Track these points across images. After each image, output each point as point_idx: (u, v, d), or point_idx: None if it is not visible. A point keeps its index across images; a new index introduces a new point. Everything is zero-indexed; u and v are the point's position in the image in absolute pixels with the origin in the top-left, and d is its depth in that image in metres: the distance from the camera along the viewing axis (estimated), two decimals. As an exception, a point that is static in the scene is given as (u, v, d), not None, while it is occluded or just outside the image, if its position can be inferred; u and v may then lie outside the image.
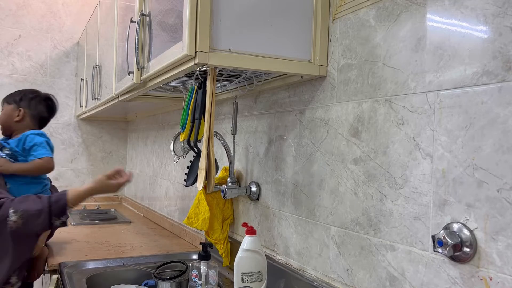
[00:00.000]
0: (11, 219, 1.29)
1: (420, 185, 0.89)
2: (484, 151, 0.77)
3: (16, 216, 1.30)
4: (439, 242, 0.80)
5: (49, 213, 1.33)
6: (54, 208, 1.34)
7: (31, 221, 1.32)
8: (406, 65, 0.94)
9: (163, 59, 1.23)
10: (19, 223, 1.30)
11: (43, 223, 1.33)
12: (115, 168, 1.47)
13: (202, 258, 1.31)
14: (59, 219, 1.35)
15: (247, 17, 1.10)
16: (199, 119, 1.26)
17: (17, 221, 1.29)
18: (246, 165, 1.58)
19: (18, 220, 1.29)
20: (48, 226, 1.36)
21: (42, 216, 1.33)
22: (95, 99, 2.46)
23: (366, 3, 1.06)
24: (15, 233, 1.31)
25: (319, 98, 1.21)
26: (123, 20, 1.88)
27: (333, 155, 1.15)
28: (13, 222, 1.29)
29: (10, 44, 3.08)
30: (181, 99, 1.99)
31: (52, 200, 1.36)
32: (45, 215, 1.33)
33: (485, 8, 0.78)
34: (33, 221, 1.32)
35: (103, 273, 1.58)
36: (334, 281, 1.13)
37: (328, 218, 1.16)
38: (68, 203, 1.37)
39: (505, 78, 0.74)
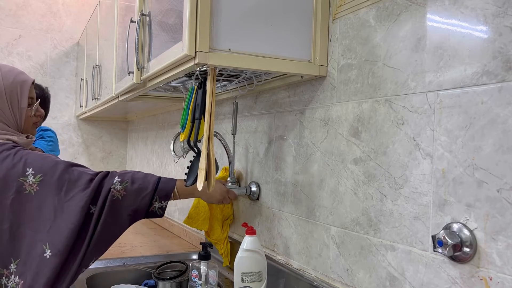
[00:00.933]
0: (115, 188, 1.17)
1: (420, 185, 0.89)
2: (484, 151, 0.77)
3: (121, 185, 1.18)
4: (439, 242, 0.80)
5: (153, 190, 1.22)
6: (161, 188, 1.23)
7: (132, 194, 1.19)
8: (406, 65, 0.94)
9: (163, 59, 1.23)
10: (121, 194, 1.18)
11: (143, 201, 1.20)
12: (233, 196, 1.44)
13: (202, 258, 1.31)
14: (160, 202, 1.22)
15: (247, 17, 1.10)
16: (199, 119, 1.26)
17: (120, 191, 1.18)
18: (246, 165, 1.58)
19: (121, 190, 1.18)
20: (146, 207, 1.21)
21: (146, 192, 1.21)
22: (95, 99, 2.46)
23: (366, 3, 1.06)
24: (112, 207, 1.16)
25: (319, 98, 1.21)
26: (123, 20, 1.88)
27: (333, 155, 1.15)
28: (116, 191, 1.17)
29: (10, 44, 3.08)
30: (181, 99, 1.99)
31: (161, 179, 1.25)
32: (149, 192, 1.21)
33: (485, 8, 0.78)
34: (135, 195, 1.20)
35: (103, 273, 1.58)
36: (334, 281, 1.13)
37: (328, 218, 1.16)
38: (176, 188, 1.27)
39: (505, 78, 0.74)
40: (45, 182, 1.12)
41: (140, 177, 1.22)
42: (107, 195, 1.16)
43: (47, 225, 1.10)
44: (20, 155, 1.14)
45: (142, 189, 1.21)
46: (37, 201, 1.11)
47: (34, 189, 1.12)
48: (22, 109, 1.25)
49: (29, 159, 1.14)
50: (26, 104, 1.26)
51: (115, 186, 1.17)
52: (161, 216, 1.25)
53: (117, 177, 1.19)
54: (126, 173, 1.21)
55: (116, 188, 1.17)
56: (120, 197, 1.17)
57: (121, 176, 1.20)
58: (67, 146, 3.29)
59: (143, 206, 1.21)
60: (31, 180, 1.12)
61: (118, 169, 3.44)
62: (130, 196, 1.19)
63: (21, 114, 1.25)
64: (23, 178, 1.12)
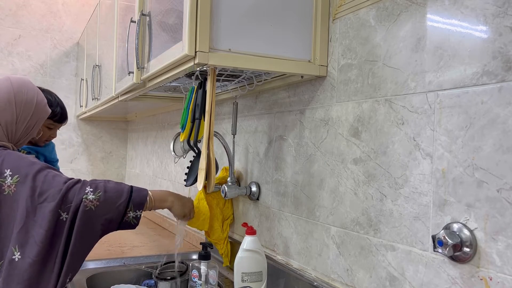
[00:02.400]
0: (88, 198, 1.11)
1: (420, 185, 0.89)
2: (484, 151, 0.77)
3: (94, 195, 1.12)
4: (439, 242, 0.80)
5: (128, 199, 1.17)
6: (135, 196, 1.18)
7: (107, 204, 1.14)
8: (406, 65, 0.94)
9: (163, 59, 1.23)
10: (94, 204, 1.12)
11: (117, 210, 1.15)
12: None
13: (202, 258, 1.31)
14: (134, 212, 1.17)
15: (247, 17, 1.10)
16: (199, 119, 1.26)
17: (93, 202, 1.12)
18: (246, 165, 1.58)
19: (94, 200, 1.12)
20: (120, 217, 1.16)
21: (120, 201, 1.16)
22: (95, 99, 2.46)
23: (366, 3, 1.06)
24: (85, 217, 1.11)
25: (319, 98, 1.21)
26: (123, 20, 1.88)
27: (333, 155, 1.15)
28: (89, 201, 1.11)
29: (10, 44, 3.08)
30: (181, 99, 1.99)
31: (134, 188, 1.21)
32: (123, 201, 1.16)
33: (485, 8, 0.78)
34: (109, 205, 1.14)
35: (103, 273, 1.58)
36: (334, 281, 1.13)
37: (328, 218, 1.16)
38: (149, 196, 1.22)
39: (505, 78, 0.74)
40: (21, 183, 1.10)
41: (112, 186, 1.17)
42: (79, 205, 1.11)
43: (18, 227, 1.08)
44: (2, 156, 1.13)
45: (116, 198, 1.16)
46: (14, 202, 1.10)
47: (12, 190, 1.10)
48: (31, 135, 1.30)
49: (7, 159, 1.13)
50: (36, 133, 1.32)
51: (87, 196, 1.12)
52: (135, 227, 1.21)
53: (88, 187, 1.13)
54: (98, 183, 1.16)
55: (88, 198, 1.12)
56: (93, 208, 1.12)
57: (92, 186, 1.14)
58: (67, 146, 3.29)
59: (117, 215, 1.16)
60: (9, 181, 1.10)
61: (118, 169, 3.45)
62: (104, 206, 1.14)
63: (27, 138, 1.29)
64: (1, 179, 1.10)
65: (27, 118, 1.25)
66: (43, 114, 1.30)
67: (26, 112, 1.24)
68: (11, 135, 1.23)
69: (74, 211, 1.10)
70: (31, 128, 1.28)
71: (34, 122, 1.27)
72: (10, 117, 1.21)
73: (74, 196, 1.11)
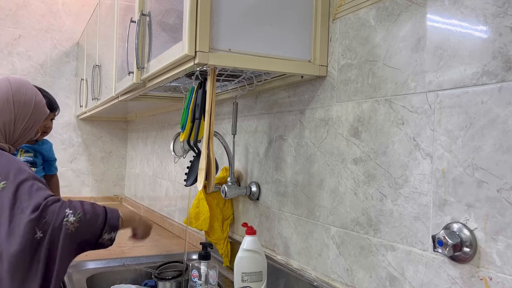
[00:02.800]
0: (69, 220, 1.09)
1: (420, 185, 0.89)
2: (484, 151, 0.77)
3: (75, 217, 1.11)
4: (439, 242, 0.80)
5: (104, 221, 1.16)
6: (110, 217, 1.18)
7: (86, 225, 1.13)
8: (406, 65, 0.94)
9: (163, 59, 1.23)
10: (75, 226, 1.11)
11: (94, 232, 1.15)
12: None
13: (202, 258, 1.31)
14: (109, 234, 1.17)
15: (247, 17, 1.10)
16: (199, 119, 1.26)
17: (73, 224, 1.10)
18: (246, 165, 1.58)
19: (75, 222, 1.10)
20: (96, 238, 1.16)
21: (98, 223, 1.15)
22: (95, 99, 2.46)
23: (366, 3, 1.06)
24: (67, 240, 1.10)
25: (319, 98, 1.21)
26: (123, 20, 1.88)
27: (333, 155, 1.15)
28: (70, 223, 1.10)
29: (10, 44, 3.08)
30: (181, 99, 1.99)
31: (107, 209, 1.20)
32: (100, 223, 1.16)
33: (485, 8, 0.78)
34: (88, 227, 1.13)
35: (103, 273, 1.58)
36: (334, 281, 1.13)
37: (328, 218, 1.16)
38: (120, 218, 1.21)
39: (505, 78, 0.74)
40: (6, 189, 1.08)
41: (89, 208, 1.16)
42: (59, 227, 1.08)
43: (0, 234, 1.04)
44: None
45: (94, 221, 1.15)
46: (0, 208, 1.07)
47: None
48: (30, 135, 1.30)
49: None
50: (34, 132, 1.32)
51: (68, 218, 1.10)
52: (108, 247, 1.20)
53: (68, 209, 1.11)
54: (75, 204, 1.14)
55: (69, 220, 1.10)
56: (73, 229, 1.10)
57: (71, 208, 1.12)
58: (67, 146, 3.29)
59: (93, 237, 1.15)
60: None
61: (118, 169, 3.45)
62: (83, 227, 1.12)
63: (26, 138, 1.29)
64: None
65: (26, 119, 1.24)
66: (41, 114, 1.30)
67: (25, 112, 1.24)
68: (9, 135, 1.23)
69: (52, 232, 1.07)
70: (29, 129, 1.27)
71: (33, 123, 1.27)
72: (8, 117, 1.21)
73: (54, 215, 1.09)
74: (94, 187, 3.37)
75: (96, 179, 3.38)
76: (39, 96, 1.29)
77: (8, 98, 1.21)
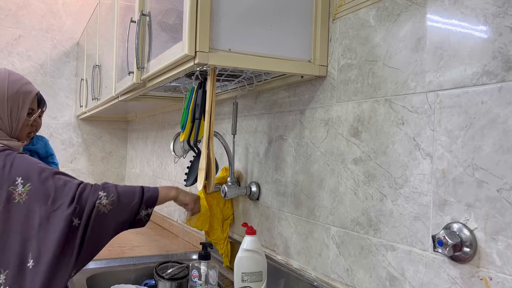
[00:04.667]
0: (101, 202, 1.13)
1: (420, 185, 0.89)
2: (484, 151, 0.77)
3: (108, 199, 1.14)
4: (439, 242, 0.80)
5: (140, 199, 1.19)
6: (147, 196, 1.21)
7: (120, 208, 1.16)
8: (406, 65, 0.94)
9: (163, 59, 1.23)
10: (108, 208, 1.14)
11: (131, 211, 1.18)
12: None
13: (202, 258, 1.31)
14: (146, 210, 1.20)
15: (247, 17, 1.10)
16: (199, 119, 1.26)
17: (106, 206, 1.14)
18: (246, 165, 1.58)
19: (108, 205, 1.14)
20: (132, 218, 1.19)
21: (134, 201, 1.18)
22: (95, 99, 2.46)
23: (366, 3, 1.06)
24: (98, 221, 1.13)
25: (319, 98, 1.21)
26: (123, 20, 1.88)
27: (333, 155, 1.15)
28: (102, 205, 1.13)
29: (10, 44, 3.08)
30: (181, 99, 1.99)
31: (144, 188, 1.23)
32: (137, 201, 1.18)
33: (485, 8, 0.78)
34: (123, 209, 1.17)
35: (103, 273, 1.58)
36: (334, 281, 1.13)
37: (328, 218, 1.16)
38: (159, 193, 1.24)
39: (505, 78, 0.74)
40: (32, 191, 1.10)
41: (125, 189, 1.19)
42: (92, 209, 1.12)
43: (32, 235, 1.08)
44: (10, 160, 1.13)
45: (129, 201, 1.18)
46: (25, 210, 1.09)
47: (23, 198, 1.10)
48: (21, 118, 1.25)
49: (16, 164, 1.13)
50: (25, 114, 1.26)
51: (101, 200, 1.13)
52: (145, 224, 1.23)
53: (101, 191, 1.15)
54: (109, 186, 1.18)
55: (102, 202, 1.13)
56: (106, 212, 1.14)
57: (105, 190, 1.15)
58: (67, 146, 3.29)
59: (130, 216, 1.18)
60: (21, 190, 1.10)
61: (118, 169, 3.45)
62: (118, 209, 1.16)
63: (18, 122, 1.25)
64: (12, 187, 1.10)
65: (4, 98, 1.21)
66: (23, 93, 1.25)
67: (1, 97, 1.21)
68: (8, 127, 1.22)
69: (87, 216, 1.11)
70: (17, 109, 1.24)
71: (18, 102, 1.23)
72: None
73: (87, 200, 1.12)
74: (94, 187, 3.36)
75: (96, 179, 3.37)
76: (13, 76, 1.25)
77: None
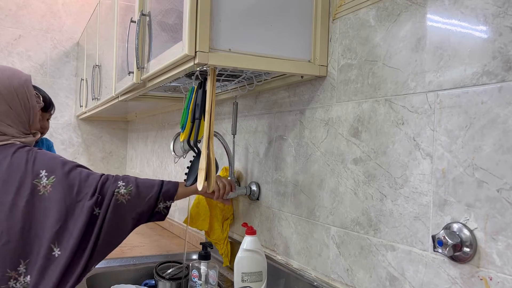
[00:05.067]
0: (120, 192, 1.17)
1: (420, 185, 0.89)
2: (484, 151, 0.77)
3: (126, 189, 1.18)
4: (439, 242, 0.80)
5: (158, 191, 1.22)
6: (165, 188, 1.24)
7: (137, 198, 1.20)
8: (406, 65, 0.94)
9: (163, 59, 1.23)
10: (126, 198, 1.17)
11: (148, 203, 1.21)
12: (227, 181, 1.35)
13: (202, 258, 1.31)
14: (164, 202, 1.23)
15: (247, 17, 1.10)
16: (199, 119, 1.26)
17: (124, 195, 1.17)
18: (246, 165, 1.58)
19: (126, 194, 1.18)
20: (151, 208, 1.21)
21: (151, 193, 1.21)
22: (95, 99, 2.46)
23: (366, 3, 1.06)
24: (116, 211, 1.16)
25: (319, 98, 1.21)
26: (123, 20, 1.88)
27: (333, 155, 1.15)
28: (120, 195, 1.17)
29: (10, 44, 3.08)
30: (181, 99, 1.99)
31: (164, 182, 1.26)
32: (154, 194, 1.21)
33: (485, 8, 0.78)
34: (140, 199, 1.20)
35: (103, 273, 1.58)
36: (334, 281, 1.13)
37: (328, 218, 1.16)
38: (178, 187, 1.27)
39: (505, 78, 0.74)
40: (57, 183, 1.13)
41: (144, 181, 1.23)
42: (110, 198, 1.16)
43: (57, 225, 1.10)
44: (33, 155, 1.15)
45: (147, 193, 1.21)
46: (49, 202, 1.12)
47: (48, 190, 1.12)
48: (34, 107, 1.27)
49: (39, 158, 1.15)
50: (35, 102, 1.28)
51: (120, 190, 1.17)
52: (165, 217, 1.26)
53: (121, 181, 1.19)
54: (129, 177, 1.22)
55: (120, 192, 1.17)
56: (124, 201, 1.18)
57: (125, 180, 1.20)
58: (67, 146, 3.29)
59: (148, 208, 1.21)
60: (45, 182, 1.13)
61: (118, 169, 3.45)
62: (135, 200, 1.19)
63: (33, 112, 1.27)
64: (37, 180, 1.13)
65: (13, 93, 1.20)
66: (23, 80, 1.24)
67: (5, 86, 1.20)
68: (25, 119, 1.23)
69: (106, 206, 1.16)
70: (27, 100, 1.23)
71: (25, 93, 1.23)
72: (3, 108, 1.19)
73: (107, 190, 1.17)
74: (94, 187, 3.36)
75: (96, 179, 3.38)
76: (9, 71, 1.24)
77: None
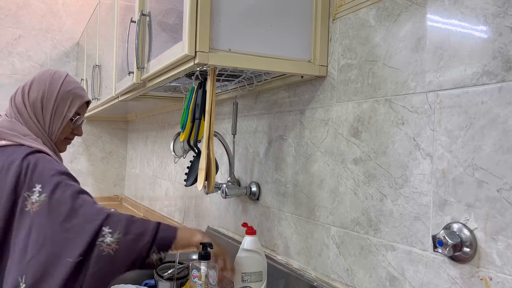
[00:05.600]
0: (105, 240, 0.95)
1: (420, 185, 0.89)
2: (484, 151, 0.77)
3: (113, 237, 0.96)
4: (439, 242, 0.80)
5: (152, 239, 1.01)
6: (161, 236, 1.03)
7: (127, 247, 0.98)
8: (406, 65, 0.94)
9: (163, 59, 1.23)
10: (113, 248, 0.95)
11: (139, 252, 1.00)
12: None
13: (202, 258, 1.31)
14: (158, 254, 1.02)
15: (247, 17, 1.10)
16: (199, 119, 1.26)
17: (110, 245, 0.96)
18: (246, 165, 1.58)
19: (112, 244, 0.96)
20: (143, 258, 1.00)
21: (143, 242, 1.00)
22: (95, 99, 2.46)
23: (366, 3, 1.06)
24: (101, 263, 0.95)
25: (319, 98, 1.21)
26: (123, 20, 1.88)
27: (333, 155, 1.15)
28: (106, 245, 0.95)
29: (10, 44, 3.08)
30: (181, 99, 1.99)
31: (162, 225, 1.06)
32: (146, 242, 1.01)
33: (485, 8, 0.78)
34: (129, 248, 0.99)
35: (103, 273, 1.58)
36: (334, 281, 1.13)
37: (328, 218, 1.16)
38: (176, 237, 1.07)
39: (505, 78, 0.74)
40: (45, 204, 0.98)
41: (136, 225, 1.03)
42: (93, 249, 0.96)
43: (29, 254, 0.94)
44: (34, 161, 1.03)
45: (138, 239, 1.01)
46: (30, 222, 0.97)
47: (34, 208, 0.97)
48: (65, 119, 1.19)
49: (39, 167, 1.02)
50: (71, 116, 1.20)
51: (105, 239, 0.96)
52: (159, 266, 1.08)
53: (107, 228, 0.98)
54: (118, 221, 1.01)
55: (105, 241, 0.96)
56: (112, 252, 0.97)
57: (112, 226, 0.99)
58: (67, 146, 3.29)
59: (139, 257, 1.02)
60: (35, 198, 0.98)
61: (118, 169, 3.45)
62: (124, 249, 0.99)
63: (62, 123, 1.19)
64: (28, 193, 0.99)
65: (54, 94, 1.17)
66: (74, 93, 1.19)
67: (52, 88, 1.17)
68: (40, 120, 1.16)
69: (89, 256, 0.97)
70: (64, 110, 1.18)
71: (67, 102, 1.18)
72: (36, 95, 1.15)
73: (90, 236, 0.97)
74: (94, 187, 3.37)
75: (96, 179, 3.38)
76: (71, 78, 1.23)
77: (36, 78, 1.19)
